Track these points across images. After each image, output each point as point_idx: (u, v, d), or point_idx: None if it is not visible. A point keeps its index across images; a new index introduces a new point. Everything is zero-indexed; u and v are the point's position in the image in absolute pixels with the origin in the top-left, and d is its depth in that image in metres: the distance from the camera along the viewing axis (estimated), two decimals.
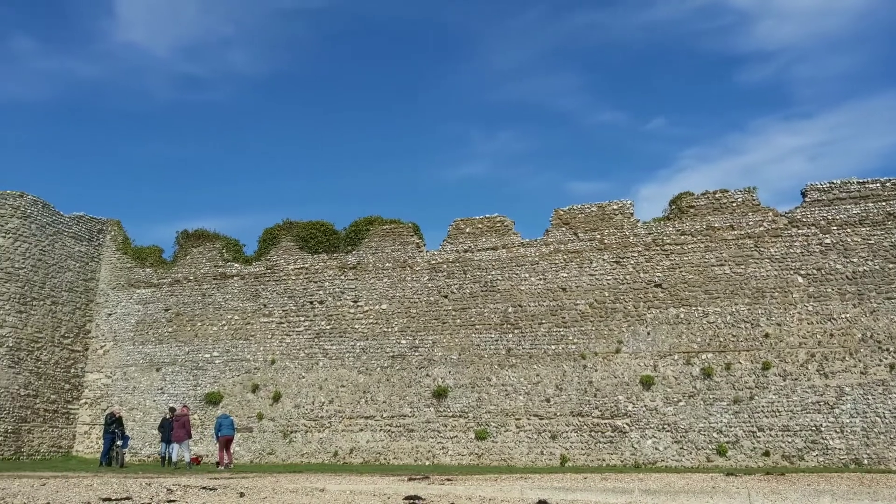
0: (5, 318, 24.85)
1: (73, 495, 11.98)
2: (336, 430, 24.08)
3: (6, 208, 25.65)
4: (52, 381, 26.19)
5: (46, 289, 26.37)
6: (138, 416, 26.01)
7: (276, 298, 26.33)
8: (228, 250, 27.79)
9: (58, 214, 27.43)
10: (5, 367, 24.49)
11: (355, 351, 24.78)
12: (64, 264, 27.27)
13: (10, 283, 25.16)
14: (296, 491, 12.22)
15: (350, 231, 26.56)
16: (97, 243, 28.97)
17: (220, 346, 26.30)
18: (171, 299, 27.56)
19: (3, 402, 24.23)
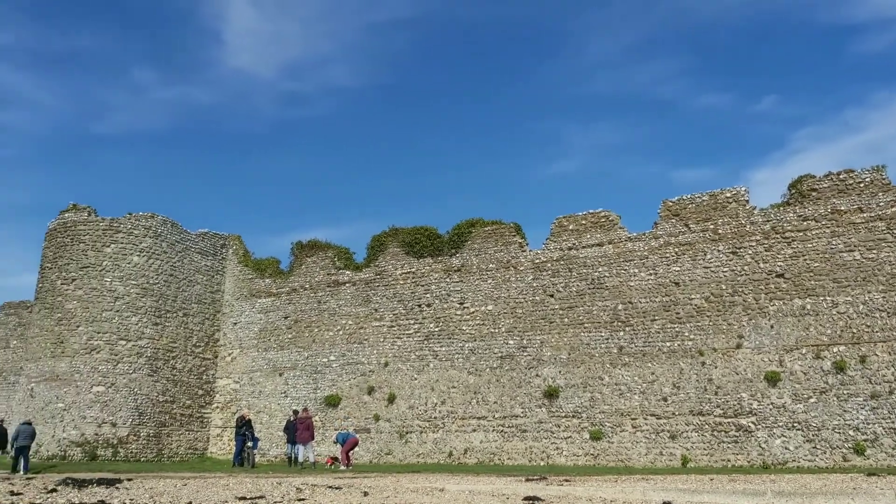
0: (143, 330, 27.06)
1: (212, 494, 12.85)
2: (450, 430, 24.44)
3: (139, 229, 27.93)
4: (186, 387, 28.24)
5: (178, 302, 28.48)
6: (265, 419, 27.53)
7: (386, 303, 27.08)
8: (340, 258, 28.89)
9: (185, 232, 29.58)
10: (145, 375, 26.67)
11: (464, 352, 25.05)
12: (192, 278, 29.35)
13: (147, 297, 27.37)
14: (416, 490, 12.53)
15: (453, 234, 26.89)
16: (221, 257, 30.97)
17: (336, 351, 27.39)
18: (290, 307, 29.00)
19: (144, 408, 26.40)
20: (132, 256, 27.39)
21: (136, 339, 26.69)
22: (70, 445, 24.73)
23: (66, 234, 27.51)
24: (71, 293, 26.62)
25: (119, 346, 26.29)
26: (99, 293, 26.60)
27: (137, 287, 27.22)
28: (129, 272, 27.18)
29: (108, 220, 27.65)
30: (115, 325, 26.47)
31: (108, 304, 26.56)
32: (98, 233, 27.36)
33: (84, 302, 26.46)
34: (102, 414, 25.38)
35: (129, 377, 26.18)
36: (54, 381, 25.68)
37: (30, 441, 21.33)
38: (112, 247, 27.24)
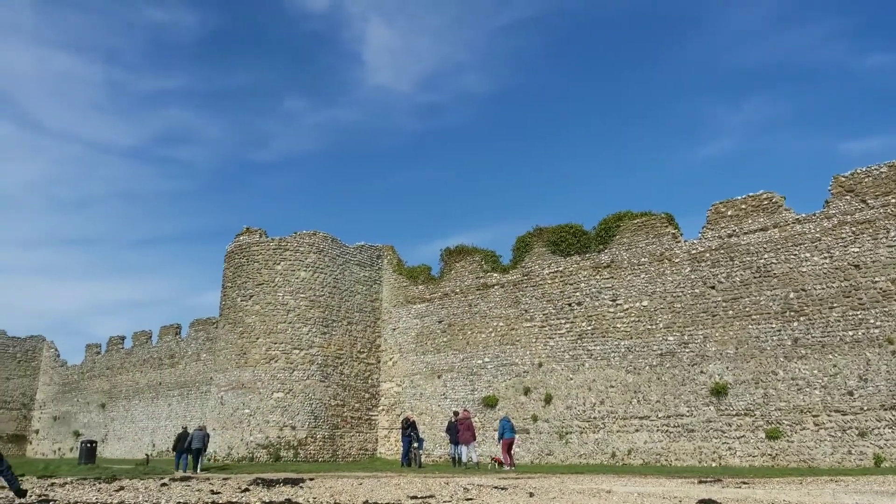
0: (313, 339, 29.13)
1: (386, 493, 13.57)
2: (611, 430, 23.92)
3: (304, 246, 30.14)
4: (354, 391, 30.01)
5: (342, 311, 30.37)
6: (427, 420, 28.56)
7: (536, 303, 27.07)
8: (487, 262, 29.33)
9: (344, 246, 31.50)
10: (317, 381, 28.69)
11: (620, 350, 24.42)
12: (353, 288, 31.16)
13: (314, 308, 29.46)
14: (582, 492, 12.43)
15: (600, 229, 26.32)
16: (377, 267, 32.62)
17: (490, 352, 27.82)
18: (443, 311, 29.89)
19: (318, 412, 28.40)
20: (299, 272, 29.63)
21: (307, 347, 28.82)
22: (256, 448, 27.19)
23: (243, 256, 30.35)
24: (250, 308, 29.31)
25: (293, 355, 28.54)
26: (273, 307, 29.04)
27: (306, 300, 29.37)
28: (297, 286, 29.43)
29: (277, 240, 30.13)
30: (289, 335, 28.75)
31: (281, 316, 28.93)
32: (269, 252, 29.90)
33: (261, 316, 29.02)
34: (283, 418, 27.66)
35: (304, 383, 28.32)
36: (240, 389, 28.38)
37: (202, 444, 24.32)
38: (282, 264, 29.65)
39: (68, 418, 45.30)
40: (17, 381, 47.72)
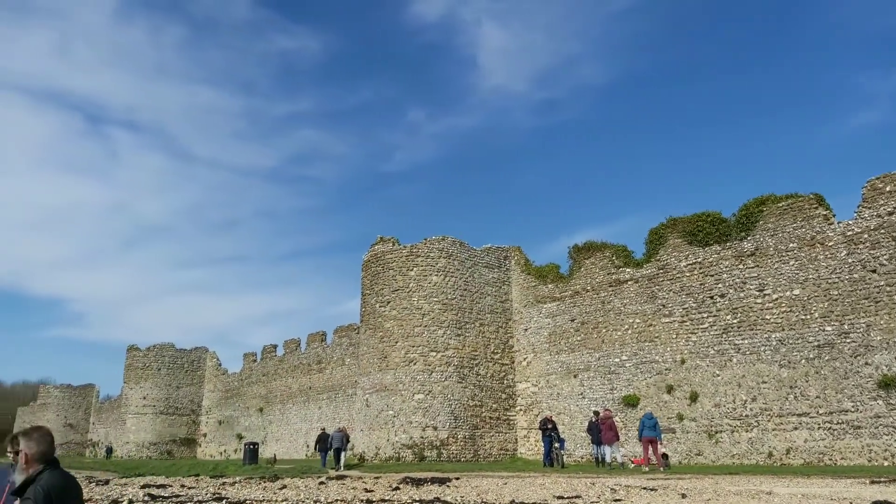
0: (448, 341, 29.82)
1: (531, 493, 13.67)
2: (766, 429, 22.51)
3: (434, 252, 30.95)
4: (491, 392, 30.36)
5: (474, 313, 30.86)
6: (566, 420, 28.30)
7: (674, 297, 26.04)
8: (618, 257, 28.62)
9: (471, 249, 32.00)
10: (455, 382, 29.32)
11: (771, 343, 22.92)
12: (483, 290, 31.57)
13: (447, 311, 30.16)
14: (740, 493, 11.87)
15: (740, 216, 24.87)
16: (505, 268, 32.82)
17: (627, 350, 27.11)
18: (575, 310, 29.51)
19: (458, 412, 29.00)
20: (431, 276, 30.48)
21: (443, 349, 29.55)
22: (402, 448, 28.24)
23: (378, 264, 31.69)
24: (388, 314, 30.53)
25: (431, 357, 29.38)
26: (409, 312, 30.07)
27: (439, 303, 30.14)
28: (430, 291, 30.27)
29: (409, 247, 31.18)
30: (425, 338, 29.63)
31: (417, 320, 29.88)
32: (402, 259, 31.01)
33: (399, 321, 30.13)
34: (424, 419, 28.53)
35: (443, 385, 29.05)
36: (383, 392, 29.61)
37: (341, 444, 26.74)
38: (415, 270, 30.64)
39: (231, 422, 49.34)
40: (186, 390, 52.65)
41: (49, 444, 4.22)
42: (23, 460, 4.17)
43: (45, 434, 4.27)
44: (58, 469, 4.18)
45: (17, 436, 5.24)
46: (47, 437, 4.24)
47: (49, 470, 4.11)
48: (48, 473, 4.08)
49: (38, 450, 4.15)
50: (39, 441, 4.18)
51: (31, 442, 4.18)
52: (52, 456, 4.23)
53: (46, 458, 4.17)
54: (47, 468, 4.12)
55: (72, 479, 4.22)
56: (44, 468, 4.11)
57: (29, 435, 4.23)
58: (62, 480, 4.09)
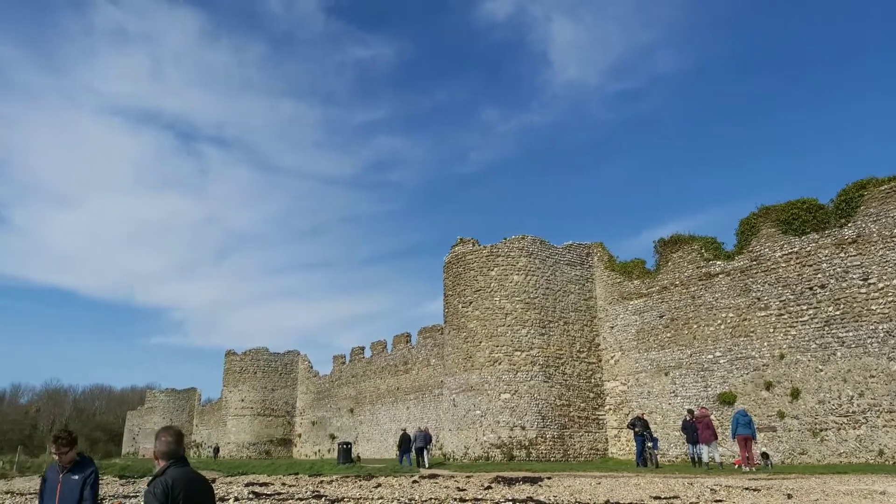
0: (532, 340, 29.70)
1: (626, 493, 13.47)
2: (875, 426, 21.20)
3: (515, 251, 30.91)
4: (578, 391, 30.01)
5: (557, 311, 30.60)
6: (658, 419, 27.61)
7: (769, 289, 24.93)
8: (707, 249, 27.67)
9: (552, 247, 31.74)
10: (541, 382, 29.17)
11: (878, 335, 21.56)
12: (566, 288, 31.25)
13: (530, 311, 30.05)
14: (850, 493, 11.30)
15: (839, 201, 23.53)
16: (588, 265, 32.37)
17: (720, 346, 26.17)
18: (663, 306, 28.74)
19: (545, 412, 28.84)
20: (513, 276, 30.45)
21: (527, 349, 29.46)
22: (490, 448, 28.35)
23: (459, 265, 31.96)
24: (470, 314, 30.75)
25: (515, 357, 29.35)
26: (492, 312, 30.17)
27: (521, 302, 30.07)
28: (512, 290, 30.26)
29: (489, 247, 31.28)
30: (509, 338, 29.64)
31: (500, 320, 29.93)
32: (483, 259, 31.15)
33: (482, 321, 30.28)
34: (512, 419, 28.54)
35: (528, 384, 28.97)
36: (469, 392, 29.83)
37: (424, 444, 28.17)
38: (495, 270, 30.71)
39: (324, 423, 50.96)
40: (281, 392, 54.79)
41: (171, 443, 4.56)
42: (154, 457, 4.60)
43: (171, 434, 4.62)
44: (183, 466, 4.52)
45: (54, 438, 5.97)
46: (171, 437, 4.59)
47: (174, 466, 4.47)
48: (172, 469, 4.43)
49: (161, 448, 4.52)
50: (163, 441, 4.54)
51: (157, 441, 4.57)
52: (179, 454, 4.56)
53: (172, 456, 4.51)
54: (172, 464, 4.47)
55: (195, 476, 4.52)
56: (169, 464, 4.47)
57: (156, 435, 4.62)
58: (184, 476, 4.42)
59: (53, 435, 6.33)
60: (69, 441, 6.26)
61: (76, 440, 6.38)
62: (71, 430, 6.59)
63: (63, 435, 6.28)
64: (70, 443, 6.26)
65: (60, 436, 6.27)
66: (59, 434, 6.29)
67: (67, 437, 6.28)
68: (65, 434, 6.30)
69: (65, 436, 6.28)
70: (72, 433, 6.39)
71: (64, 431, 6.35)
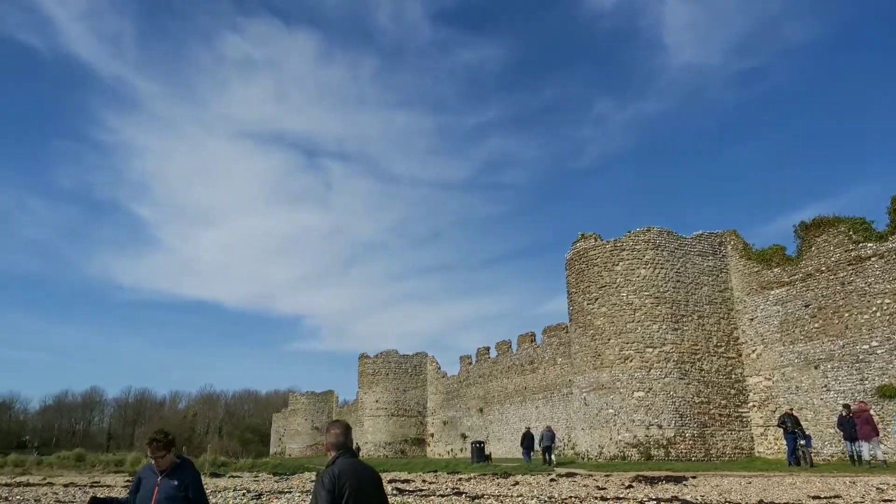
0: (665, 336, 28.70)
1: (780, 493, 12.77)
2: None
3: (640, 244, 30.02)
4: (717, 387, 28.63)
5: (690, 305, 29.37)
6: (808, 416, 25.77)
7: None
8: (856, 231, 25.52)
9: (681, 238, 30.52)
10: (676, 379, 28.11)
11: None
12: (698, 280, 29.93)
13: (661, 305, 29.05)
14: None
15: None
16: (721, 255, 30.81)
17: (877, 335, 24.02)
18: (808, 294, 26.81)
19: (683, 409, 27.76)
20: (639, 270, 29.60)
21: (660, 345, 28.51)
22: (626, 447, 27.70)
23: (582, 261, 31.51)
24: (597, 311, 30.21)
25: (647, 354, 28.50)
26: (619, 308, 29.48)
27: (650, 297, 29.16)
28: (639, 285, 29.41)
29: (613, 242, 30.60)
30: (639, 334, 28.82)
31: (629, 316, 29.18)
32: (606, 254, 30.52)
33: (609, 317, 29.67)
34: (647, 417, 27.73)
35: (663, 381, 28.02)
36: (601, 390, 29.31)
37: (551, 442, 29.47)
38: (621, 265, 29.99)
39: (455, 422, 51.92)
40: (412, 393, 56.44)
41: (339, 435, 4.88)
42: (326, 449, 4.98)
43: (339, 427, 4.96)
44: (351, 457, 4.85)
45: (150, 441, 5.70)
46: (339, 430, 4.92)
47: (342, 457, 4.81)
48: (340, 460, 4.77)
49: (330, 440, 4.89)
50: (332, 433, 4.90)
51: (327, 434, 4.95)
52: (347, 446, 4.84)
53: (340, 447, 4.83)
54: (341, 455, 4.82)
55: (361, 466, 4.80)
56: (338, 455, 4.81)
57: (326, 429, 5.01)
58: (350, 466, 4.74)
59: (149, 438, 5.78)
60: (166, 444, 5.74)
61: (173, 442, 5.85)
62: (167, 431, 5.96)
63: (159, 437, 5.74)
64: (166, 445, 5.74)
65: (157, 438, 5.74)
66: (154, 437, 5.76)
67: (164, 440, 5.74)
68: (161, 436, 5.76)
69: (161, 438, 5.74)
70: (168, 434, 5.85)
71: (160, 433, 5.81)
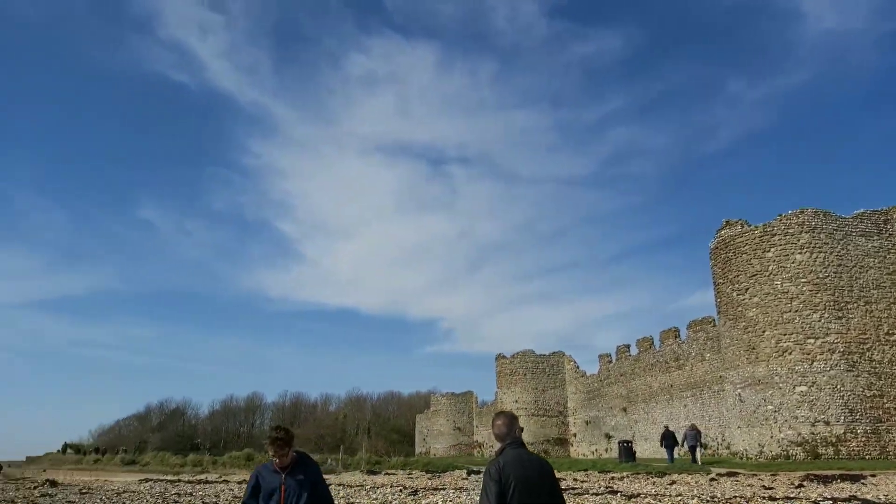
0: (827, 325, 26.53)
1: None
2: None
3: (793, 227, 27.99)
4: (892, 379, 26.07)
5: (855, 291, 26.98)
6: None
7: None
8: None
9: (840, 219, 28.12)
10: (843, 371, 25.90)
11: None
12: (862, 263, 27.43)
13: (821, 293, 26.90)
14: None
15: None
16: (888, 234, 28.06)
17: None
18: None
19: (853, 404, 25.52)
20: (794, 255, 27.61)
21: (822, 335, 26.42)
22: (790, 445, 25.89)
23: (728, 250, 29.88)
24: (748, 302, 28.51)
25: (808, 345, 26.50)
26: (773, 297, 27.64)
27: (808, 284, 27.11)
28: (795, 271, 27.44)
29: (762, 227, 28.77)
30: (798, 325, 26.86)
31: (784, 305, 27.29)
32: (755, 241, 28.74)
33: (762, 308, 27.90)
34: (812, 413, 25.78)
35: (828, 375, 25.94)
36: (757, 386, 27.61)
37: (696, 441, 29.35)
38: (772, 251, 28.12)
39: (597, 422, 50.94)
40: (551, 392, 56.02)
41: (502, 426, 4.89)
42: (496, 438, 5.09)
43: (504, 418, 4.97)
44: (518, 448, 4.92)
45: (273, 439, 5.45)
46: (503, 421, 4.97)
47: (509, 448, 4.90)
48: (507, 450, 4.85)
49: (495, 432, 4.99)
50: (497, 425, 4.95)
51: (493, 426, 5.05)
52: (513, 437, 4.84)
53: (505, 438, 4.85)
54: (507, 446, 4.90)
55: (527, 456, 4.77)
56: (505, 446, 4.86)
57: (492, 420, 5.15)
58: (516, 457, 4.76)
59: (271, 436, 5.43)
60: (288, 440, 5.45)
61: (293, 437, 5.57)
62: (286, 426, 5.68)
63: (282, 434, 5.43)
64: (289, 441, 5.45)
65: (280, 436, 5.42)
66: (278, 435, 5.43)
67: (286, 437, 5.44)
68: (283, 434, 5.45)
69: (283, 436, 5.43)
70: (288, 431, 5.55)
71: (280, 430, 5.50)
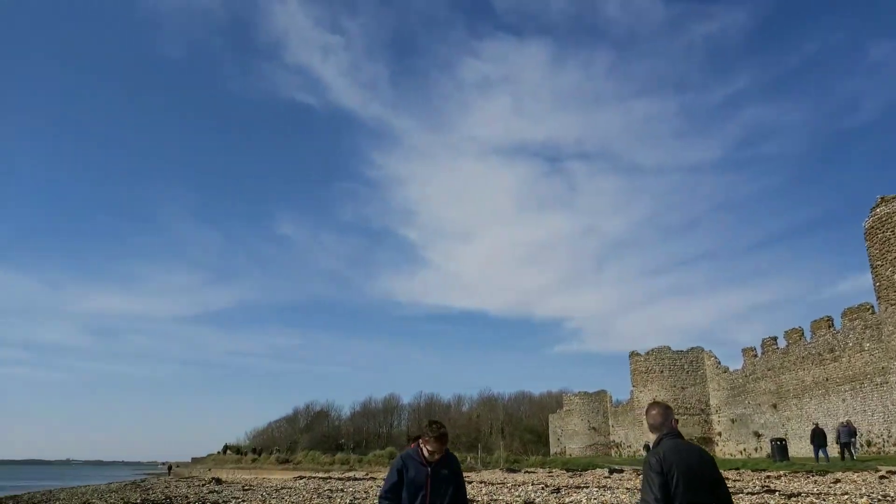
0: None
1: None
2: None
3: None
4: None
5: None
6: None
7: None
8: None
9: None
10: None
11: None
12: None
13: None
14: None
15: None
16: None
17: None
18: None
19: None
20: None
21: None
22: None
23: (886, 229, 27.41)
24: None
25: None
26: None
27: None
28: None
29: None
30: None
31: None
32: None
33: None
34: None
35: None
36: None
37: (849, 438, 28.39)
38: None
39: (744, 420, 48.20)
40: (691, 390, 53.69)
41: (657, 416, 4.87)
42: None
43: (658, 408, 4.95)
44: (675, 439, 4.92)
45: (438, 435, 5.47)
46: (657, 411, 4.97)
47: (667, 438, 4.90)
48: (665, 441, 4.84)
49: (650, 422, 5.00)
50: (651, 415, 4.95)
51: (647, 416, 5.08)
52: (669, 427, 4.81)
53: (661, 428, 4.82)
54: (665, 436, 4.85)
55: (686, 447, 4.71)
56: (663, 437, 4.81)
57: (646, 411, 5.18)
58: (674, 447, 4.69)
59: (440, 432, 5.44)
60: (447, 435, 5.50)
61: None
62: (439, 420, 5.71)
63: (445, 430, 5.49)
64: (448, 436, 5.48)
65: (445, 431, 5.48)
66: (443, 430, 5.47)
67: (447, 433, 5.51)
68: (444, 428, 5.51)
69: (446, 430, 5.50)
70: (443, 425, 5.58)
71: (442, 425, 5.54)
